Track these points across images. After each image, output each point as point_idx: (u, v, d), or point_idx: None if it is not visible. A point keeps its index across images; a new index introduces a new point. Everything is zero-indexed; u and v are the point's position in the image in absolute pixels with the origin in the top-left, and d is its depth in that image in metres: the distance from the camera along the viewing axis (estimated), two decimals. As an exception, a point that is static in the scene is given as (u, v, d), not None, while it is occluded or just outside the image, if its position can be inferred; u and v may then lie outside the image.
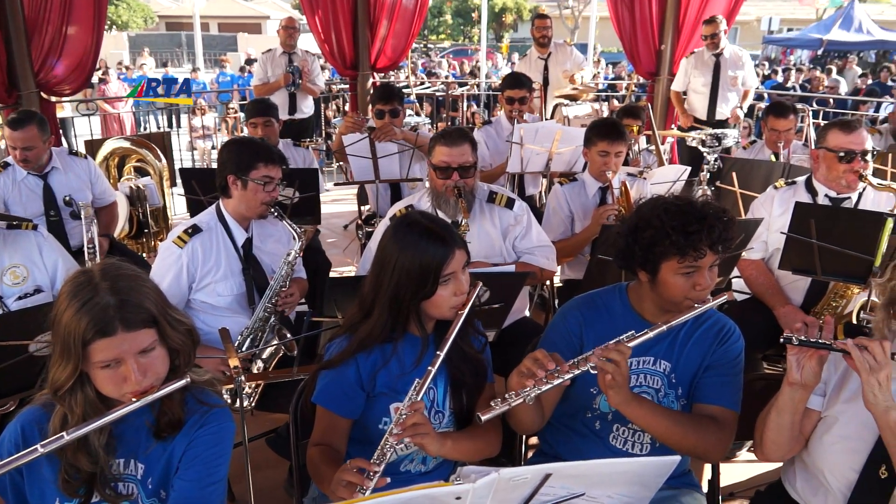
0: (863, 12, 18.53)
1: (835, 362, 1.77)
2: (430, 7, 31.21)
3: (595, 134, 3.46)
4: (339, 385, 1.79)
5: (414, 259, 1.71)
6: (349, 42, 7.19)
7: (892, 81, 12.67)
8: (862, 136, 2.96)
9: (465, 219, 2.77)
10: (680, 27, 7.16)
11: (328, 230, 6.28)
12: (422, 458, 1.89)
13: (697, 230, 1.74)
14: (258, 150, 2.62)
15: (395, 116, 4.39)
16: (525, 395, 1.60)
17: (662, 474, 1.26)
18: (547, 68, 6.56)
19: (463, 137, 2.84)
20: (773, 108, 4.62)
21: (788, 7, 26.81)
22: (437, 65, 16.32)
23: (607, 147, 3.40)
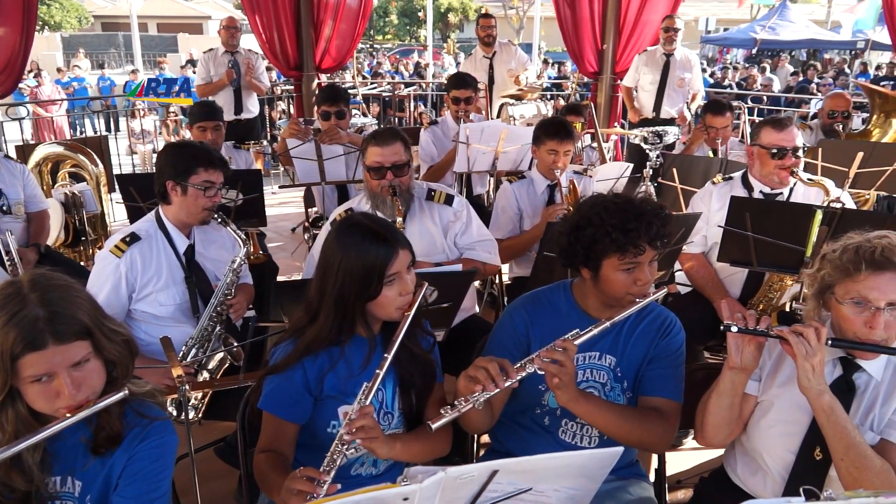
0: (795, 12, 19.28)
1: (769, 348, 1.83)
2: (376, 7, 31.21)
3: (544, 133, 3.52)
4: (285, 390, 1.76)
5: (357, 260, 1.70)
6: (292, 43, 7.11)
7: (818, 79, 13.19)
8: (793, 133, 3.07)
9: (399, 217, 2.77)
10: (621, 27, 7.31)
11: (275, 233, 6.19)
12: (373, 461, 1.88)
13: (636, 227, 1.78)
14: (198, 155, 2.55)
15: (340, 118, 4.36)
16: (474, 400, 1.61)
17: (606, 466, 1.29)
18: (492, 67, 6.61)
19: (394, 136, 2.84)
20: (710, 106, 4.76)
21: (724, 7, 27.64)
22: (397, 64, 16.25)
23: (556, 146, 3.46)
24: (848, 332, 1.67)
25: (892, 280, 1.61)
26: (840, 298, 1.67)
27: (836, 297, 1.69)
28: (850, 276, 1.65)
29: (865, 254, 1.63)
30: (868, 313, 1.63)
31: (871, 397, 1.72)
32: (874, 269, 1.62)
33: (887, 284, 1.61)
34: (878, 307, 1.62)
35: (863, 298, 1.63)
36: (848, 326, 1.67)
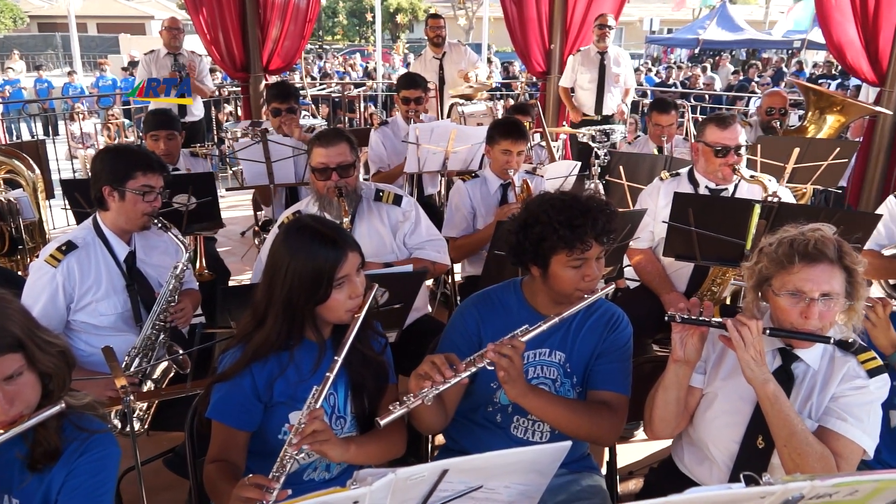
0: (734, 13, 19.88)
1: (713, 342, 1.88)
2: (324, 7, 30.91)
3: (498, 133, 3.54)
4: (233, 397, 1.73)
5: (306, 263, 1.68)
6: (238, 43, 6.98)
7: (758, 77, 13.64)
8: (736, 131, 3.15)
9: (346, 218, 2.75)
10: (568, 27, 7.42)
11: (225, 237, 6.07)
12: (325, 466, 1.86)
13: (582, 223, 1.81)
14: (135, 159, 2.48)
15: (292, 114, 4.33)
16: (423, 395, 1.61)
17: (556, 460, 1.30)
18: (442, 68, 6.62)
19: (339, 137, 2.83)
20: (655, 104, 4.87)
21: (667, 9, 28.30)
22: (345, 65, 16.11)
23: (510, 146, 3.49)
24: (785, 323, 1.73)
25: (824, 272, 1.68)
26: (776, 290, 1.73)
27: (772, 289, 1.74)
28: (786, 268, 1.71)
29: (799, 247, 1.69)
30: (803, 304, 1.69)
31: (809, 386, 1.79)
32: (808, 261, 1.68)
33: (820, 276, 1.67)
34: (812, 298, 1.67)
35: (798, 290, 1.69)
36: (785, 317, 1.73)
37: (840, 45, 5.74)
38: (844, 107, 5.03)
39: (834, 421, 1.72)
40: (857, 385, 1.73)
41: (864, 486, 1.13)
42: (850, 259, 1.69)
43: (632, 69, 6.81)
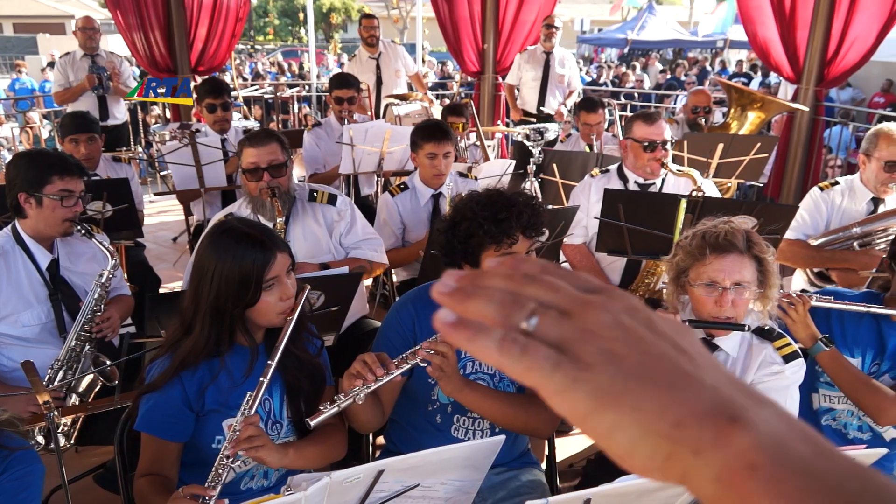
0: (661, 14, 20.50)
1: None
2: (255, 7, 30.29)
3: (420, 137, 3.37)
4: (163, 408, 1.68)
5: (233, 266, 1.65)
6: (163, 43, 6.76)
7: (685, 76, 14.11)
8: (662, 126, 3.26)
9: (280, 218, 2.71)
10: (501, 27, 7.50)
11: (156, 244, 5.88)
12: (263, 473, 1.83)
13: (507, 217, 1.83)
14: (51, 163, 2.38)
15: (226, 110, 4.24)
16: (354, 395, 1.60)
17: (490, 455, 1.32)
18: (379, 68, 6.58)
19: (269, 137, 2.79)
20: (583, 104, 4.98)
21: (597, 9, 28.94)
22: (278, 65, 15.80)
23: (434, 148, 3.33)
24: (702, 313, 1.80)
25: (735, 261, 1.76)
26: (692, 281, 1.80)
27: (689, 281, 1.81)
28: (699, 260, 1.78)
29: (710, 239, 1.77)
30: (717, 293, 1.76)
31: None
32: (718, 252, 1.76)
33: (731, 266, 1.75)
34: (724, 287, 1.75)
35: (711, 280, 1.77)
36: (702, 307, 1.80)
37: (764, 44, 6.00)
38: (764, 103, 5.26)
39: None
40: (774, 371, 1.81)
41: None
42: (759, 249, 1.78)
43: (577, 71, 6.93)
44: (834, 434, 2.17)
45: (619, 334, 0.43)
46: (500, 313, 0.44)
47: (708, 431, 0.40)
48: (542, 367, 0.42)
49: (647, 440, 0.41)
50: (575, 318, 0.44)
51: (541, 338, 0.43)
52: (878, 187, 3.18)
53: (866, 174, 3.22)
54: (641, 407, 0.41)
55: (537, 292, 0.45)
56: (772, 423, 0.40)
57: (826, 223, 3.30)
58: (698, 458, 0.40)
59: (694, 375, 0.42)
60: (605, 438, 0.42)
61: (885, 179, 3.14)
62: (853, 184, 3.29)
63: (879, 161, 3.13)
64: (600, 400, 0.42)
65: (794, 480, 0.38)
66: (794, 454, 0.39)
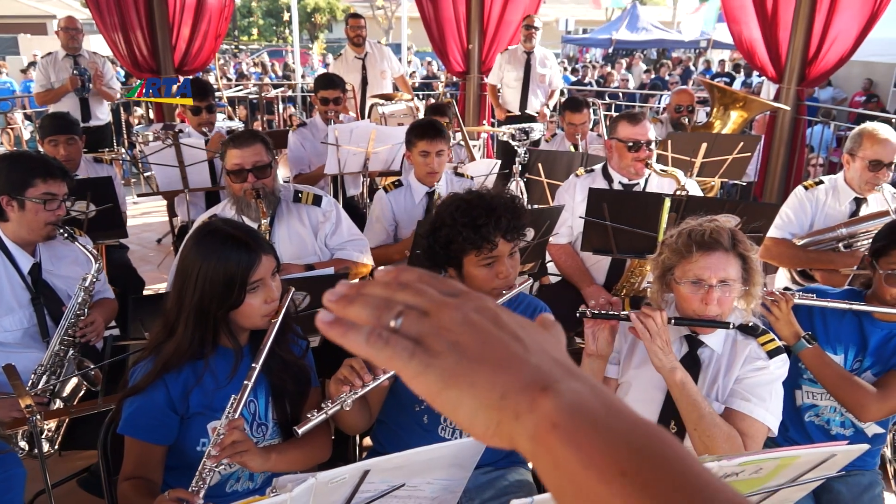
0: (645, 14, 20.61)
1: (623, 334, 1.95)
2: (239, 7, 30.10)
3: (414, 135, 3.40)
4: (147, 411, 1.67)
5: (218, 268, 1.64)
6: (146, 43, 6.71)
7: (669, 76, 14.20)
8: (646, 126, 3.28)
9: (264, 219, 2.70)
10: (486, 27, 7.51)
11: (140, 246, 5.84)
12: (248, 476, 1.82)
13: (485, 223, 1.83)
14: (34, 166, 2.35)
15: (211, 112, 4.24)
16: (341, 401, 1.59)
17: (476, 454, 1.32)
18: (365, 68, 6.56)
19: (254, 138, 2.78)
20: (568, 104, 5.00)
21: (582, 9, 29.04)
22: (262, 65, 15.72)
23: (427, 146, 3.35)
24: (688, 310, 1.82)
25: (720, 259, 1.77)
26: (678, 279, 1.81)
27: (675, 279, 1.83)
28: (685, 258, 1.79)
29: (696, 237, 1.78)
30: (703, 291, 1.78)
31: (715, 369, 1.88)
32: (704, 250, 1.77)
33: (717, 263, 1.77)
34: (710, 285, 1.77)
35: (697, 278, 1.78)
36: (687, 305, 1.81)
37: (749, 45, 6.05)
38: (746, 103, 5.30)
39: (739, 402, 1.81)
40: (758, 366, 1.83)
41: (767, 463, 1.19)
42: (744, 247, 1.80)
43: (558, 71, 6.95)
44: (817, 430, 2.19)
45: (466, 329, 0.53)
46: (372, 315, 0.54)
47: (525, 400, 0.49)
48: (401, 356, 0.52)
49: (482, 411, 0.50)
50: (432, 317, 0.54)
51: (404, 334, 0.53)
52: (862, 187, 3.22)
53: (850, 174, 3.26)
54: (476, 384, 0.50)
55: (406, 297, 0.55)
56: (576, 390, 0.49)
57: (811, 222, 3.33)
58: (518, 422, 0.49)
59: (522, 357, 0.52)
60: (453, 413, 0.52)
61: (869, 179, 3.17)
62: (837, 183, 3.32)
63: (864, 160, 3.16)
64: (446, 381, 0.51)
65: (587, 434, 0.46)
66: (589, 414, 0.47)
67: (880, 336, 2.13)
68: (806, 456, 1.20)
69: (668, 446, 0.47)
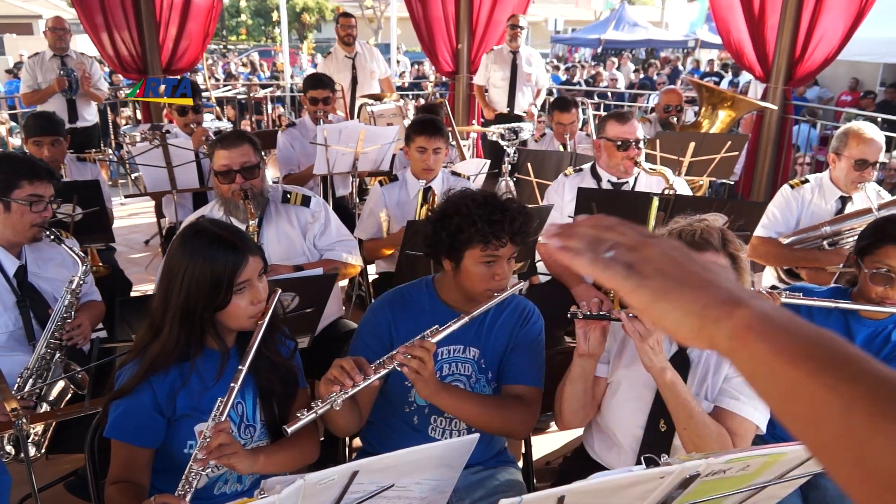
0: (633, 13, 20.68)
1: (614, 333, 1.95)
2: (227, 6, 29.95)
3: (413, 131, 3.50)
4: (133, 414, 1.66)
5: (204, 268, 1.63)
6: (135, 44, 6.67)
7: (657, 75, 14.27)
8: (634, 125, 3.29)
9: (252, 220, 2.69)
10: (475, 27, 7.52)
11: (127, 247, 5.81)
12: (237, 477, 1.81)
13: (500, 219, 1.84)
14: (20, 167, 2.33)
15: (197, 113, 4.22)
16: (331, 401, 1.59)
17: (465, 454, 1.32)
18: (355, 68, 6.55)
19: (241, 138, 2.77)
20: (556, 103, 5.01)
21: (570, 9, 29.15)
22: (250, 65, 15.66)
23: (425, 143, 3.43)
24: None
25: (711, 259, 1.77)
26: None
27: None
28: None
29: (687, 237, 1.78)
30: None
31: (704, 368, 1.88)
32: (695, 250, 1.77)
33: None
34: None
35: None
36: None
37: (737, 45, 6.09)
38: (734, 102, 5.33)
39: (728, 401, 1.82)
40: (746, 364, 1.83)
41: (754, 460, 1.20)
42: (734, 246, 1.80)
43: (544, 69, 6.98)
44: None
45: (667, 259, 0.70)
46: (588, 247, 0.72)
47: (723, 310, 0.64)
48: (619, 275, 0.70)
49: (686, 318, 0.67)
50: (638, 250, 0.71)
51: (618, 260, 0.70)
52: (847, 186, 3.24)
53: (836, 172, 3.28)
54: (682, 298, 0.67)
55: (613, 236, 0.72)
56: (764, 305, 0.63)
57: (797, 220, 3.35)
58: (718, 326, 0.64)
59: (716, 282, 0.68)
60: (661, 320, 0.69)
61: (855, 178, 3.19)
62: (822, 182, 3.35)
63: (850, 160, 3.19)
64: (656, 296, 0.68)
65: (776, 331, 0.61)
66: (776, 319, 0.62)
67: (866, 334, 2.15)
68: (793, 453, 1.21)
69: (839, 340, 0.59)
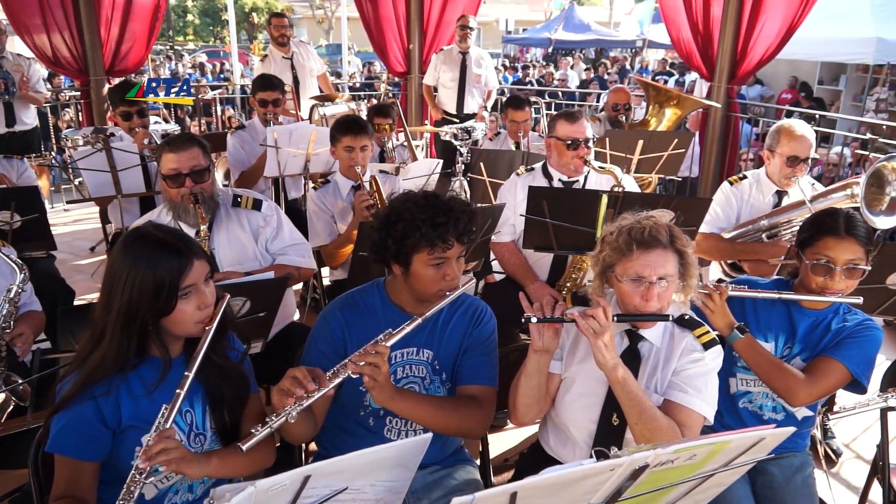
0: (582, 14, 20.98)
1: (567, 329, 1.98)
2: (174, 6, 29.26)
3: (338, 131, 3.54)
4: (76, 427, 1.60)
5: (146, 274, 1.58)
6: (75, 44, 6.46)
7: (606, 75, 14.51)
8: (583, 125, 3.34)
9: (203, 225, 2.64)
10: (426, 27, 7.52)
11: (72, 254, 5.63)
12: (188, 487, 1.77)
13: (445, 222, 1.83)
14: None
15: (142, 116, 4.12)
16: (286, 413, 1.57)
17: (419, 453, 1.32)
18: (294, 68, 6.48)
19: (190, 141, 2.71)
20: (510, 101, 5.05)
21: (521, 9, 29.40)
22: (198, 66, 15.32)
23: (351, 142, 3.48)
24: (629, 306, 1.85)
25: (660, 256, 1.81)
26: (619, 277, 1.85)
27: (616, 276, 1.86)
28: (626, 255, 1.82)
29: (636, 235, 1.82)
30: (643, 288, 1.81)
31: (654, 362, 1.92)
32: (644, 247, 1.81)
33: (656, 260, 1.81)
34: (651, 281, 1.80)
35: (638, 275, 1.81)
36: (629, 301, 1.85)
37: (686, 46, 6.23)
38: (680, 101, 5.46)
39: (676, 394, 1.86)
40: (694, 358, 1.88)
41: (700, 450, 1.23)
42: (681, 242, 1.84)
43: (494, 71, 7.02)
44: (751, 416, 2.27)
45: None
46: None
47: None
48: None
49: None
50: None
51: None
52: (781, 181, 3.36)
53: (771, 168, 3.40)
54: None
55: None
56: None
57: (737, 216, 3.45)
58: None
59: None
60: None
61: (787, 173, 3.31)
62: (760, 177, 3.46)
63: (782, 156, 3.30)
64: None
65: None
66: None
67: (808, 323, 2.22)
68: (737, 441, 1.24)
69: None
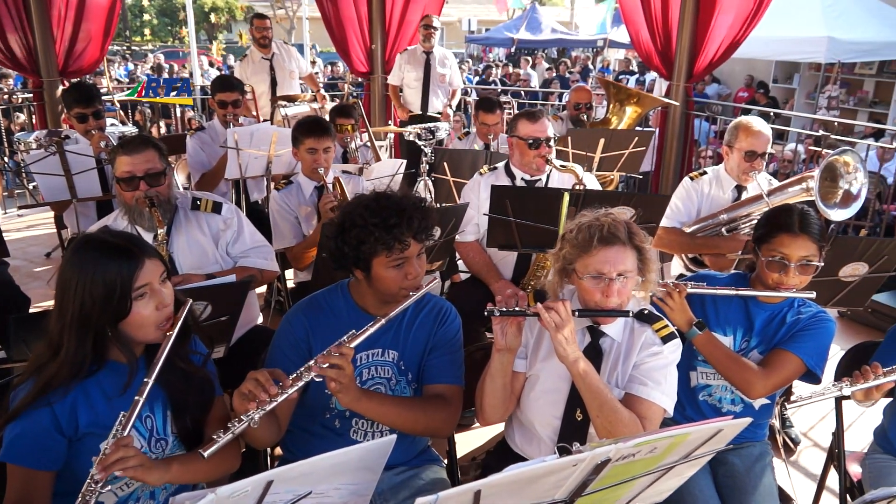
0: (544, 14, 21.13)
1: (530, 327, 1.99)
2: (130, 6, 28.63)
3: (301, 132, 3.51)
4: (30, 436, 1.56)
5: (96, 278, 1.55)
6: (26, 43, 6.27)
7: (568, 74, 14.66)
8: (545, 124, 3.36)
9: (161, 229, 2.60)
10: (388, 27, 7.49)
11: (27, 261, 5.48)
12: (149, 494, 1.74)
13: (398, 223, 1.82)
14: None
15: (98, 118, 4.02)
16: (249, 419, 1.55)
17: (383, 455, 1.31)
18: (273, 69, 6.41)
19: (145, 143, 2.65)
20: (481, 104, 5.05)
21: (483, 9, 29.48)
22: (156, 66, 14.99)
23: (314, 144, 3.46)
24: (589, 302, 1.87)
25: (619, 252, 1.84)
26: (580, 273, 1.87)
27: (576, 273, 1.88)
28: (586, 252, 1.85)
29: (595, 232, 1.84)
30: (604, 284, 1.83)
31: (615, 357, 1.95)
32: (604, 244, 1.83)
33: (616, 257, 1.83)
34: (611, 278, 1.83)
35: (598, 272, 1.84)
36: (589, 297, 1.87)
37: (647, 46, 6.31)
38: (640, 99, 5.54)
39: (637, 387, 1.89)
40: (653, 351, 1.91)
41: (660, 442, 1.25)
42: (639, 239, 1.87)
43: (458, 70, 7.02)
44: (710, 408, 2.31)
45: None
46: None
47: None
48: None
49: None
50: None
51: None
52: (740, 176, 3.44)
53: (730, 164, 3.48)
54: None
55: None
56: None
57: (697, 210, 3.53)
58: None
59: None
60: None
61: (746, 168, 3.39)
62: (719, 173, 3.54)
63: (740, 152, 3.38)
64: None
65: None
66: None
67: (764, 317, 2.28)
68: (696, 433, 1.26)
69: None
